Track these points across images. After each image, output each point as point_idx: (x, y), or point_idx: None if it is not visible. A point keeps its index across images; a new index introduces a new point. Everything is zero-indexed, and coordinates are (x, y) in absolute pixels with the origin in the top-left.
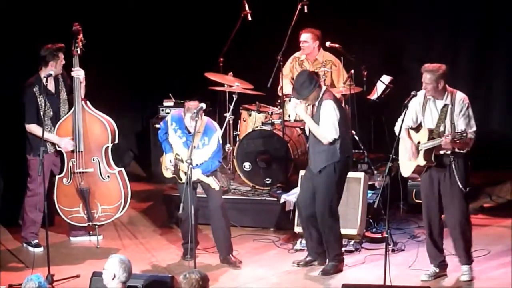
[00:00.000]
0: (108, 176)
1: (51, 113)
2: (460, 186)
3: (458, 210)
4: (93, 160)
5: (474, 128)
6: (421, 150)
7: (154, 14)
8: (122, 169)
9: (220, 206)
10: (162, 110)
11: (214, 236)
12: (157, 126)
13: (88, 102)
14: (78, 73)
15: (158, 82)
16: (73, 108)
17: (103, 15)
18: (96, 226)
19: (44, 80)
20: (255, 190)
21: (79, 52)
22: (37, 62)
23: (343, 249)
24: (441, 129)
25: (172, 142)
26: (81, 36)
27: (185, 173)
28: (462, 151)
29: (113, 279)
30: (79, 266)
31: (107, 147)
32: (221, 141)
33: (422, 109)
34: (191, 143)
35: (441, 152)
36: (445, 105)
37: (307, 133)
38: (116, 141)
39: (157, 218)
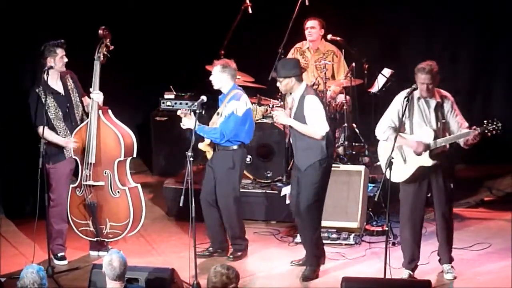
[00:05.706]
0: (118, 192)
1: (60, 113)
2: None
3: (446, 207)
4: (105, 173)
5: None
6: (430, 149)
7: (154, 7)
8: (138, 185)
9: (225, 204)
10: (163, 102)
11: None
12: (157, 118)
13: (109, 110)
14: (98, 97)
15: (159, 75)
16: (88, 120)
17: (102, 7)
18: (106, 243)
19: (44, 74)
20: (256, 183)
21: (101, 58)
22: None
23: (344, 242)
24: (440, 127)
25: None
26: (107, 41)
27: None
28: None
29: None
30: (79, 259)
31: (120, 161)
32: (237, 114)
33: (407, 110)
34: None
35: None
36: (438, 103)
37: (289, 135)
38: (134, 155)
39: (157, 210)
